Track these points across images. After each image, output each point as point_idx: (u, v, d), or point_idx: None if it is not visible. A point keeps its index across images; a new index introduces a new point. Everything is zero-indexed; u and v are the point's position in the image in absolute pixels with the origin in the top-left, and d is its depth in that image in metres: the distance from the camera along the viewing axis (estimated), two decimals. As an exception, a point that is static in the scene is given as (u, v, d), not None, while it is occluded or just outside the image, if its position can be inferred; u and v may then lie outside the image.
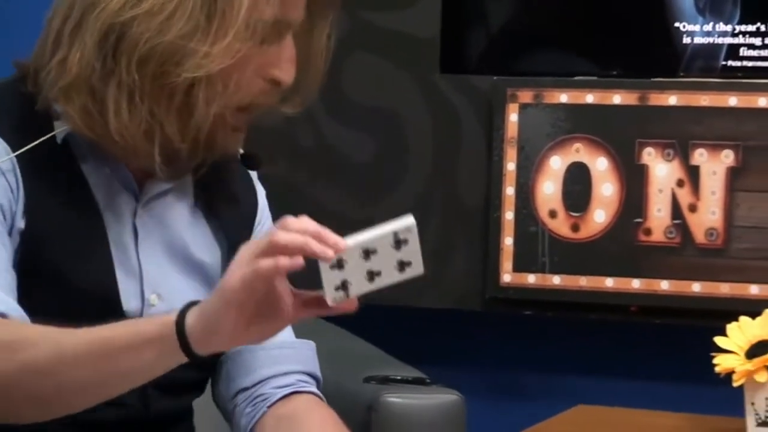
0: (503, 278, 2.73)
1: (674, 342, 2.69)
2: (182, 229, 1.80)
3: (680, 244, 2.65)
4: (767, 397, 2.26)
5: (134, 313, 1.73)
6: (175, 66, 1.63)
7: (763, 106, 2.59)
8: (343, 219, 2.78)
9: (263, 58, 1.69)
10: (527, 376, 2.86)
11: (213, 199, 1.84)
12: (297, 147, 2.82)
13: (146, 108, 1.65)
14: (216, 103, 1.66)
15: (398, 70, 2.81)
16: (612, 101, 2.68)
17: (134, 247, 1.74)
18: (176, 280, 1.78)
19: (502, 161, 2.72)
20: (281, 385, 1.83)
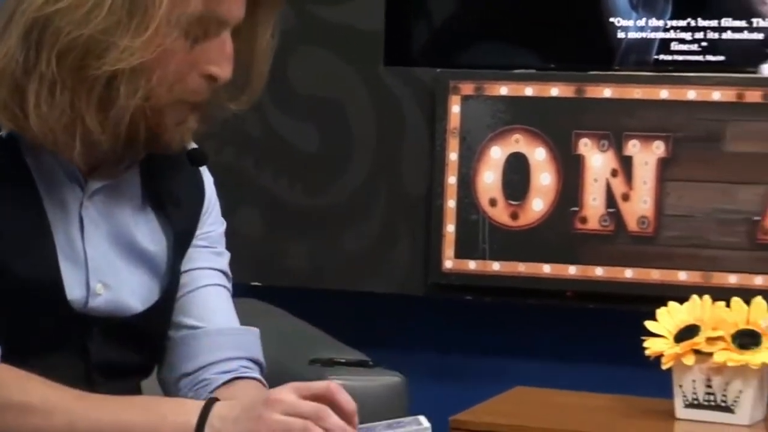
0: (445, 264, 2.75)
1: (607, 326, 2.70)
2: (129, 220, 1.79)
3: (614, 232, 2.67)
4: (694, 380, 2.35)
5: (79, 302, 1.72)
6: (96, 59, 1.62)
7: (692, 98, 2.64)
8: (289, 207, 2.85)
9: (199, 55, 1.67)
10: (467, 359, 2.86)
11: (160, 189, 1.83)
12: (245, 136, 2.83)
13: (66, 100, 1.64)
14: (138, 96, 1.65)
15: (343, 63, 2.82)
16: (550, 93, 2.70)
17: (80, 237, 1.74)
18: (122, 269, 1.77)
19: (444, 151, 2.74)
20: (224, 371, 1.83)
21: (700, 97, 2.62)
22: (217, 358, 1.83)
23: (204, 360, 1.83)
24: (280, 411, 1.55)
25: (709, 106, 2.61)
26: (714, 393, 2.37)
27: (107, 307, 1.73)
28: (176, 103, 1.68)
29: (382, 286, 2.81)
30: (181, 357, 1.84)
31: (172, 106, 1.68)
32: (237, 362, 1.84)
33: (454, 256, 2.75)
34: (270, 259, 2.86)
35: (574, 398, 2.55)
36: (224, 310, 1.88)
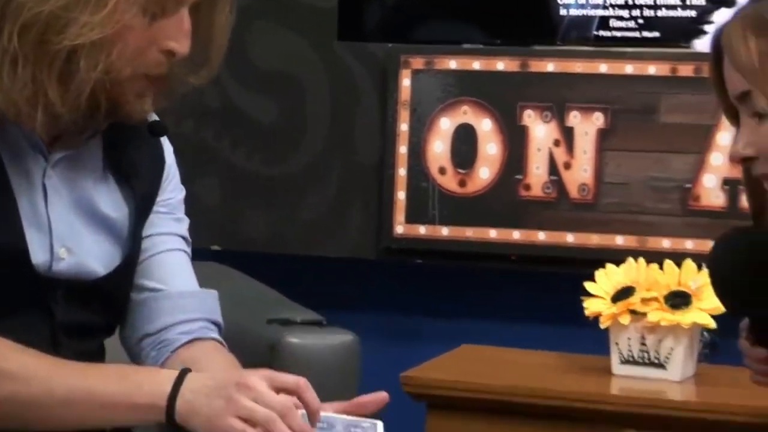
0: (396, 229, 2.78)
1: (549, 288, 2.72)
2: (91, 188, 1.79)
3: (556, 199, 2.71)
4: (629, 338, 2.41)
5: (43, 265, 1.73)
6: (56, 34, 1.63)
7: (629, 72, 2.67)
8: (247, 176, 2.87)
9: (158, 32, 1.68)
10: (417, 319, 2.89)
11: (121, 159, 1.83)
12: (204, 108, 2.84)
13: (29, 74, 1.64)
14: (99, 70, 1.65)
15: (298, 38, 2.83)
16: (496, 68, 2.72)
17: (44, 205, 1.74)
18: (85, 235, 1.78)
19: (395, 122, 2.77)
20: (184, 332, 1.84)
21: (637, 71, 2.66)
22: (177, 319, 1.85)
23: (165, 321, 1.85)
24: (250, 398, 1.59)
25: (645, 79, 2.66)
26: (648, 350, 2.42)
27: (70, 271, 1.74)
28: (136, 77, 1.69)
29: (337, 250, 2.84)
30: (143, 318, 1.85)
31: (132, 79, 1.69)
32: (197, 323, 1.86)
33: (405, 221, 2.78)
34: (230, 225, 2.88)
35: (517, 355, 2.61)
36: (184, 274, 1.89)
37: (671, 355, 2.43)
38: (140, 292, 1.87)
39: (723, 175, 2.63)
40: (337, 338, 2.31)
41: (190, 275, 1.91)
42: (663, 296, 2.41)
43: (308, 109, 2.84)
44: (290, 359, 2.22)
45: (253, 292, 2.56)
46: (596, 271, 2.46)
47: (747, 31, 1.65)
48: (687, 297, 2.41)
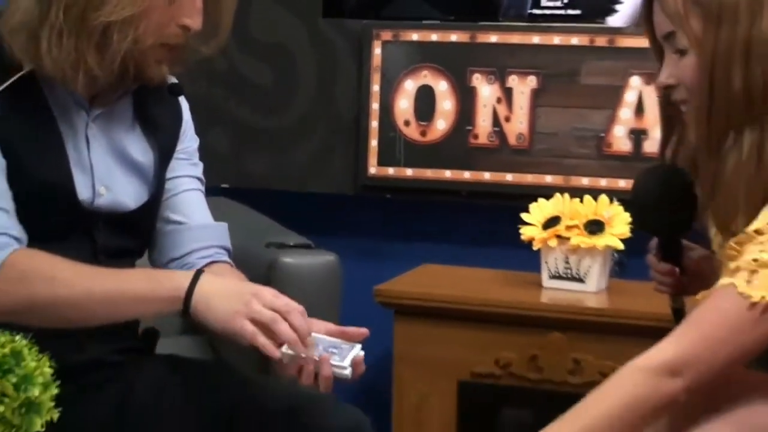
0: (370, 171, 2.79)
1: (493, 218, 2.72)
2: (123, 138, 1.80)
3: (498, 146, 2.71)
4: (556, 258, 2.47)
5: (87, 201, 1.73)
6: (94, 11, 1.63)
7: (556, 43, 2.66)
8: (249, 128, 2.88)
9: (176, 10, 1.67)
10: (387, 243, 2.88)
11: (147, 114, 1.83)
12: (214, 73, 2.82)
13: (72, 44, 1.64)
14: (128, 41, 1.65)
15: (290, 15, 2.81)
16: (450, 39, 2.72)
17: (87, 151, 1.75)
18: (119, 176, 1.79)
19: (369, 84, 2.76)
20: (203, 256, 1.86)
21: (563, 42, 2.66)
22: (198, 246, 1.87)
23: (188, 248, 1.87)
24: (261, 303, 1.62)
25: (569, 49, 2.66)
26: (570, 268, 2.47)
27: (108, 205, 1.77)
28: (158, 47, 1.70)
29: (322, 187, 2.85)
30: (170, 245, 1.88)
31: (155, 49, 1.70)
32: (213, 249, 1.88)
33: (377, 164, 2.79)
34: (235, 167, 2.88)
35: (466, 272, 2.66)
36: (201, 210, 1.91)
37: (589, 272, 2.47)
38: (167, 224, 1.88)
39: (630, 126, 2.64)
40: (322, 258, 2.31)
41: (206, 210, 1.92)
42: (582, 224, 2.46)
43: (298, 73, 2.84)
44: (284, 276, 2.22)
45: (254, 222, 2.57)
46: (530, 204, 2.51)
47: None
48: (601, 225, 2.45)
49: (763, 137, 1.58)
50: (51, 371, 1.24)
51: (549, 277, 2.51)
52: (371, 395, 2.57)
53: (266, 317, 1.61)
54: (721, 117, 1.59)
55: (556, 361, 2.42)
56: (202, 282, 1.66)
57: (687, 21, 1.60)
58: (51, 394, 1.23)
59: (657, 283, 1.87)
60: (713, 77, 1.58)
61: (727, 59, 1.57)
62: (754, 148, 1.57)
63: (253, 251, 2.27)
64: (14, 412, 1.20)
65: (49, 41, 1.66)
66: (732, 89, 1.58)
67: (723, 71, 1.58)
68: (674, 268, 1.85)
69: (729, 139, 1.59)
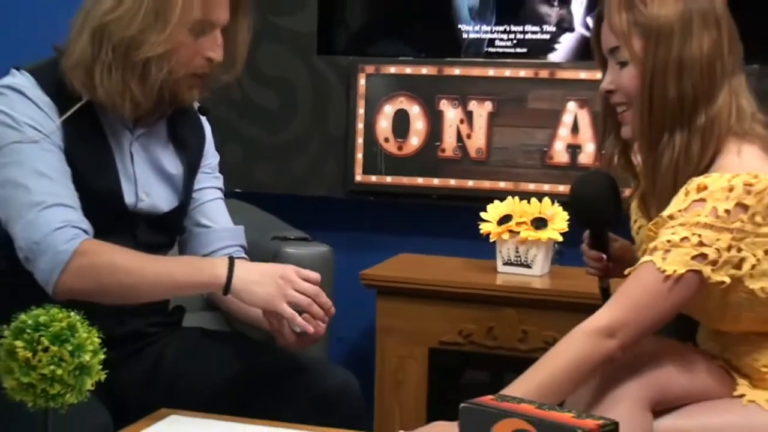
0: (356, 178, 2.76)
1: (458, 216, 2.69)
2: (159, 153, 1.81)
3: (461, 158, 2.69)
4: (509, 248, 2.46)
5: (131, 205, 1.74)
6: (136, 50, 1.64)
7: (508, 75, 2.65)
8: (258, 144, 2.85)
9: (201, 45, 1.68)
10: (370, 236, 2.84)
11: (178, 134, 1.84)
12: (230, 99, 2.79)
13: (119, 77, 1.65)
14: (164, 72, 1.65)
15: (291, 53, 2.79)
16: (421, 72, 2.70)
17: (131, 164, 1.77)
18: (156, 185, 1.80)
19: (355, 108, 2.74)
20: (225, 254, 1.85)
21: (513, 75, 2.65)
22: (221, 245, 1.88)
23: (213, 247, 1.88)
24: (292, 288, 1.62)
25: (518, 80, 2.64)
26: (520, 256, 2.46)
27: (147, 208, 1.78)
28: (189, 76, 1.71)
29: (318, 191, 2.82)
30: (198, 245, 1.88)
31: (186, 78, 1.71)
32: (233, 248, 1.88)
33: (362, 173, 2.76)
34: (246, 175, 2.84)
35: (436, 260, 2.64)
36: (223, 215, 1.92)
37: (535, 259, 2.47)
38: (196, 227, 1.89)
39: (567, 142, 2.64)
40: (317, 249, 2.34)
41: (226, 215, 1.93)
42: (529, 221, 2.45)
43: (297, 99, 2.82)
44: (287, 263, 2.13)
45: (261, 219, 2.57)
46: (487, 205, 2.50)
47: (621, 5, 1.61)
48: (545, 221, 2.45)
49: (690, 137, 1.59)
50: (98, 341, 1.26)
51: (502, 263, 2.49)
52: (359, 359, 2.60)
53: (303, 302, 1.63)
54: (658, 120, 1.60)
55: (509, 332, 2.42)
56: (237, 268, 1.65)
57: (630, 39, 1.60)
58: (99, 359, 1.25)
59: (588, 268, 1.89)
60: (652, 87, 1.59)
61: (663, 73, 1.58)
62: (683, 146, 1.59)
63: (261, 243, 2.27)
64: (70, 374, 1.22)
65: (101, 75, 1.66)
66: (667, 98, 1.59)
67: (660, 83, 1.59)
68: (602, 255, 1.86)
69: (664, 138, 1.60)
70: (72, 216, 1.65)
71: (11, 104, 1.67)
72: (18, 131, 1.66)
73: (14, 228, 1.64)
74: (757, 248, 1.54)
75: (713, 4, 1.60)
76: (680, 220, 1.54)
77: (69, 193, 1.67)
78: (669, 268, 1.53)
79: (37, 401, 1.23)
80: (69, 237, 1.62)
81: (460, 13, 2.70)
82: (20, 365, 1.21)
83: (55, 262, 1.61)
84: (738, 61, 1.63)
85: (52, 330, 1.22)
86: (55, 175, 1.65)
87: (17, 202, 1.64)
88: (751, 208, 1.52)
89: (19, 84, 1.69)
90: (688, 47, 1.58)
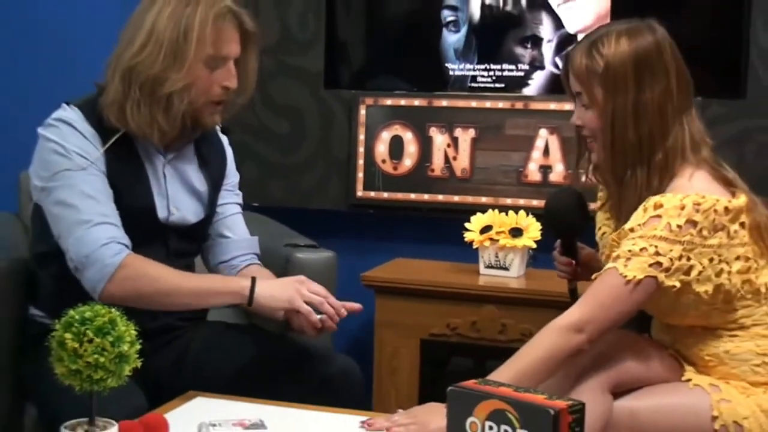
0: (357, 194, 2.73)
1: (445, 226, 2.65)
2: (189, 172, 1.82)
3: (449, 176, 2.67)
4: (489, 254, 2.45)
5: (163, 218, 1.77)
6: (160, 86, 1.65)
7: (488, 106, 2.63)
8: (272, 164, 2.82)
9: (217, 76, 1.71)
10: (370, 243, 2.81)
11: (203, 155, 1.85)
12: (248, 126, 2.77)
13: (147, 111, 1.67)
14: (185, 103, 1.67)
15: (302, 86, 2.77)
16: (414, 103, 2.68)
17: (164, 183, 1.77)
18: (185, 200, 1.81)
19: (357, 134, 2.72)
20: (243, 260, 1.89)
21: (492, 106, 2.63)
22: (239, 253, 1.90)
23: (233, 254, 1.89)
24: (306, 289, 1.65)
25: (497, 110, 2.63)
26: (499, 260, 2.46)
27: (177, 221, 1.80)
28: (208, 104, 1.73)
29: (324, 204, 2.80)
30: (220, 252, 1.90)
31: (205, 105, 1.72)
32: (249, 256, 1.90)
33: (362, 189, 2.74)
34: (262, 191, 2.82)
35: (427, 264, 2.63)
36: (242, 227, 1.92)
37: (512, 263, 2.46)
38: (220, 237, 1.89)
39: (540, 163, 2.62)
40: (324, 255, 2.32)
41: (244, 227, 1.93)
42: (507, 230, 2.45)
43: (307, 126, 2.81)
44: (297, 267, 2.20)
45: (275, 229, 2.55)
46: (471, 217, 2.49)
47: (582, 53, 1.60)
48: (520, 231, 2.45)
49: (651, 173, 1.59)
50: (135, 333, 1.28)
51: (484, 266, 2.49)
52: (359, 349, 2.58)
53: (316, 301, 1.66)
54: (620, 158, 1.60)
55: (490, 325, 2.41)
56: (258, 282, 1.68)
57: (590, 88, 1.60)
58: (135, 348, 1.28)
59: (559, 272, 1.89)
60: (613, 130, 1.59)
61: (622, 119, 1.58)
62: (645, 181, 1.59)
63: (275, 250, 2.25)
64: (111, 362, 1.24)
65: (132, 111, 1.67)
66: (627, 140, 1.58)
67: (620, 127, 1.58)
68: (571, 261, 1.87)
69: (627, 174, 1.61)
70: (116, 233, 1.66)
71: (63, 135, 1.68)
72: (68, 159, 1.67)
73: (66, 242, 1.66)
74: (703, 257, 1.55)
75: (662, 54, 1.58)
76: (639, 233, 1.54)
77: (112, 212, 1.67)
78: (630, 274, 1.54)
79: (83, 385, 1.24)
80: (114, 252, 1.64)
81: (447, 53, 2.69)
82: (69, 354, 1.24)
83: (102, 273, 1.63)
84: (688, 98, 1.62)
85: (95, 324, 1.24)
86: (100, 196, 1.66)
87: (68, 220, 1.65)
88: (699, 224, 1.53)
89: (69, 117, 1.70)
90: (641, 95, 1.57)
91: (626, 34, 1.57)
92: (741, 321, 1.63)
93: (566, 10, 2.57)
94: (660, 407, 1.61)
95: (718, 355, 1.65)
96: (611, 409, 1.60)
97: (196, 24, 1.64)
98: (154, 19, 1.65)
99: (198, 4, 1.65)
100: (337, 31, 2.77)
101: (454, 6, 2.65)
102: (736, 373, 1.63)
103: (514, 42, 2.62)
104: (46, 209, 1.69)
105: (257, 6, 2.74)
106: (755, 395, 1.61)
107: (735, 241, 1.57)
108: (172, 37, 1.64)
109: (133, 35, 1.66)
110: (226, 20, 1.68)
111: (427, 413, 1.53)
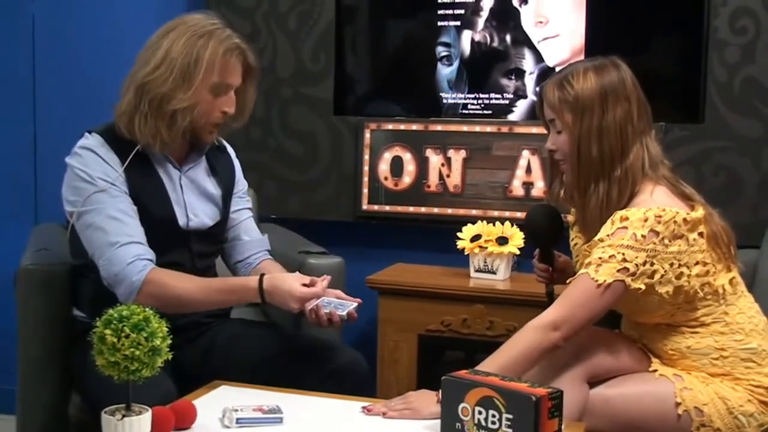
0: (363, 207, 2.73)
1: (440, 235, 2.65)
2: (202, 181, 1.80)
3: (443, 192, 2.66)
4: (479, 259, 2.43)
5: (183, 225, 1.75)
6: (167, 103, 1.63)
7: (477, 130, 2.62)
8: (289, 181, 2.81)
9: (219, 102, 1.69)
10: (373, 251, 2.78)
11: (214, 165, 1.83)
12: (267, 147, 2.77)
13: (153, 124, 1.64)
14: (187, 121, 1.65)
15: (314, 113, 2.76)
16: (412, 128, 2.67)
17: (182, 193, 1.75)
18: (202, 206, 1.79)
19: (362, 155, 2.72)
20: (257, 258, 1.88)
21: (481, 130, 2.63)
22: (253, 252, 1.88)
23: (248, 254, 1.88)
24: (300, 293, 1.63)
25: (485, 134, 2.63)
26: (488, 265, 2.44)
27: (196, 226, 1.78)
28: (207, 124, 1.70)
29: (334, 216, 2.79)
30: (237, 252, 1.89)
31: (205, 125, 1.70)
32: (262, 252, 1.89)
33: (367, 203, 2.74)
34: (280, 205, 2.82)
35: (424, 268, 2.60)
36: (254, 229, 1.91)
37: (499, 267, 2.45)
38: (236, 240, 1.87)
39: (522, 180, 2.62)
40: (333, 260, 2.30)
41: (256, 228, 1.91)
42: (495, 239, 2.44)
43: (319, 148, 2.80)
44: (310, 272, 2.14)
45: (291, 238, 2.55)
46: (463, 227, 2.49)
47: (555, 85, 1.61)
48: (506, 239, 2.44)
49: (610, 186, 1.60)
50: (166, 329, 1.27)
51: (474, 270, 2.48)
52: (365, 342, 2.55)
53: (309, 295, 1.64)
54: (585, 174, 1.61)
55: (479, 322, 2.40)
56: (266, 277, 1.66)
57: (561, 113, 1.61)
58: (167, 343, 1.28)
59: (537, 276, 1.90)
60: (579, 149, 1.60)
61: (587, 139, 1.58)
62: (605, 193, 1.59)
63: (291, 256, 2.25)
64: (145, 355, 1.24)
65: (139, 122, 1.65)
66: (591, 157, 1.59)
67: (585, 146, 1.59)
68: (549, 267, 1.88)
69: (591, 187, 1.60)
70: (140, 250, 1.64)
71: (86, 163, 1.66)
72: (93, 184, 1.65)
73: (98, 262, 1.66)
74: (665, 263, 1.55)
75: (624, 83, 1.59)
76: (608, 242, 1.55)
77: (136, 230, 1.66)
78: (600, 278, 1.55)
79: (120, 375, 1.24)
80: (139, 269, 1.63)
81: (441, 84, 2.69)
82: (108, 348, 1.24)
83: (130, 289, 1.62)
84: (647, 122, 1.63)
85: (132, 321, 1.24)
86: (124, 217, 1.65)
87: (99, 242, 1.64)
88: (660, 234, 1.54)
89: (91, 145, 1.68)
90: (605, 118, 1.58)
91: (593, 69, 1.59)
92: (702, 319, 1.63)
93: (545, 46, 2.58)
94: (630, 395, 1.61)
95: (680, 350, 1.66)
96: (588, 396, 1.61)
97: (207, 54, 1.63)
98: (169, 45, 1.63)
99: (210, 38, 1.64)
100: (345, 65, 2.77)
101: (447, 43, 2.66)
102: (697, 366, 1.64)
103: (500, 74, 2.63)
104: (79, 231, 1.68)
105: (275, 44, 2.78)
106: (714, 384, 1.62)
107: (694, 248, 1.57)
108: (184, 62, 1.62)
109: (148, 57, 1.64)
110: (234, 55, 1.67)
111: (420, 399, 1.52)
